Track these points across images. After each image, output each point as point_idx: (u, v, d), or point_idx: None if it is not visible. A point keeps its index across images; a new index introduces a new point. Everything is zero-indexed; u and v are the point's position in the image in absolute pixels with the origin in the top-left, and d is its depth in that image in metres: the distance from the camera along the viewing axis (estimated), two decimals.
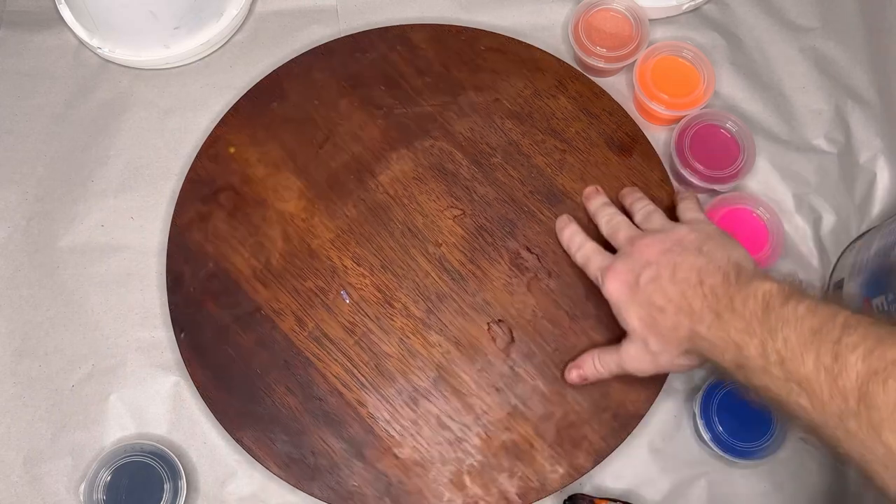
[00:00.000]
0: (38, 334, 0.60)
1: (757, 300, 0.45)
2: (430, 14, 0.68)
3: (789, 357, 0.42)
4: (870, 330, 0.40)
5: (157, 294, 0.61)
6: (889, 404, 0.37)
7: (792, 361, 0.42)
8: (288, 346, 0.59)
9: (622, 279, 0.52)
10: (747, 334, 0.45)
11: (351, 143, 0.63)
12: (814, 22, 0.69)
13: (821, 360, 0.41)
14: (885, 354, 0.38)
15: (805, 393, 0.41)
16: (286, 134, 0.64)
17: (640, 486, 0.58)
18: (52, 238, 0.62)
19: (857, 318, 0.41)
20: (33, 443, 0.58)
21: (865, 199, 0.65)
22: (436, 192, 0.62)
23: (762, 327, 0.44)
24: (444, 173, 0.63)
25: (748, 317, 0.45)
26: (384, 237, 0.61)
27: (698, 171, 0.62)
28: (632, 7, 0.66)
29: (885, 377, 0.38)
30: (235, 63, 0.67)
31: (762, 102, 0.67)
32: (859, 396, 0.38)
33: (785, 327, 0.43)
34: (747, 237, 0.61)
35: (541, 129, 0.64)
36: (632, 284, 0.52)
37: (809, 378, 0.41)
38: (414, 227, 0.62)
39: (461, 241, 0.61)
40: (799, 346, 0.42)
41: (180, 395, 0.59)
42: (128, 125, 0.65)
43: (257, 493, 0.57)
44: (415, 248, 0.61)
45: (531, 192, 0.62)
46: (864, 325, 0.41)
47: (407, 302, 0.60)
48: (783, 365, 0.42)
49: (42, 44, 0.67)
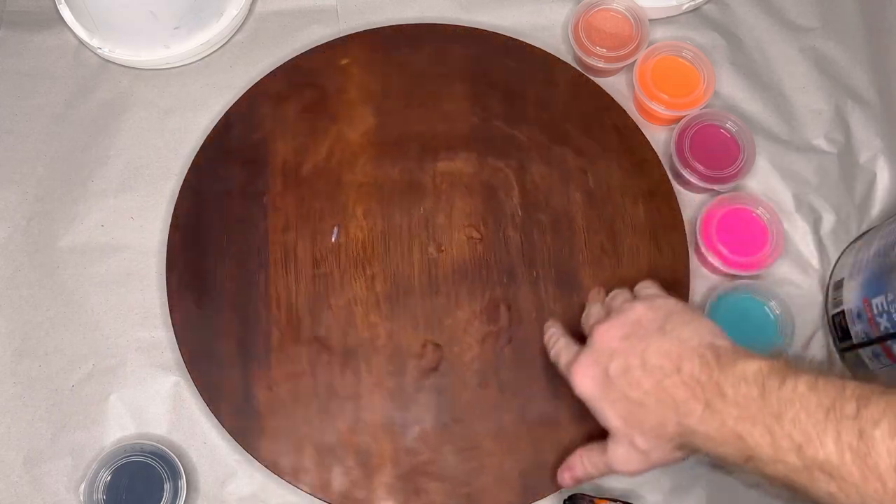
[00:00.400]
0: (38, 334, 0.60)
1: (749, 383, 0.42)
2: (431, 14, 0.68)
3: (805, 441, 0.38)
4: (889, 400, 0.37)
5: (157, 294, 0.61)
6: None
7: (809, 446, 0.38)
8: (263, 240, 0.60)
9: (590, 374, 0.48)
10: (748, 422, 0.41)
11: (438, 120, 0.64)
12: (814, 22, 0.69)
13: (843, 441, 0.37)
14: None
15: (832, 479, 0.37)
16: (395, 77, 0.65)
17: (640, 486, 0.58)
18: (52, 238, 0.62)
19: (868, 389, 0.38)
20: (33, 443, 0.58)
21: (865, 199, 0.65)
22: (472, 207, 0.62)
23: (764, 412, 0.40)
24: (492, 199, 0.62)
25: (743, 402, 0.41)
26: (402, 212, 0.62)
27: (698, 171, 0.62)
28: (632, 7, 0.66)
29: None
30: (235, 63, 0.67)
31: (762, 102, 0.67)
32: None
33: (791, 409, 0.39)
34: (747, 237, 0.61)
35: (600, 217, 0.62)
36: (600, 379, 0.47)
37: (834, 462, 0.37)
38: (432, 222, 0.62)
39: (459, 261, 0.61)
40: (814, 428, 0.38)
41: (180, 395, 0.59)
42: (128, 125, 0.65)
43: (257, 493, 0.57)
44: (419, 238, 0.61)
45: (549, 266, 0.61)
46: (877, 395, 0.38)
47: (377, 275, 0.60)
48: (800, 451, 0.39)
49: (42, 44, 0.67)
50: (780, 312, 0.60)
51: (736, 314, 0.60)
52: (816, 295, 0.63)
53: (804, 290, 0.63)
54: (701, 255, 0.62)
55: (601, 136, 0.64)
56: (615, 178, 0.63)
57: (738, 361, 0.43)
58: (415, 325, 0.59)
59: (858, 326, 0.57)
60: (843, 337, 0.59)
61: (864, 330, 0.57)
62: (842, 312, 0.59)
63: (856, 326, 0.58)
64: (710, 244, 0.61)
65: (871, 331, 0.56)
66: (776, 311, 0.60)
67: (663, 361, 0.45)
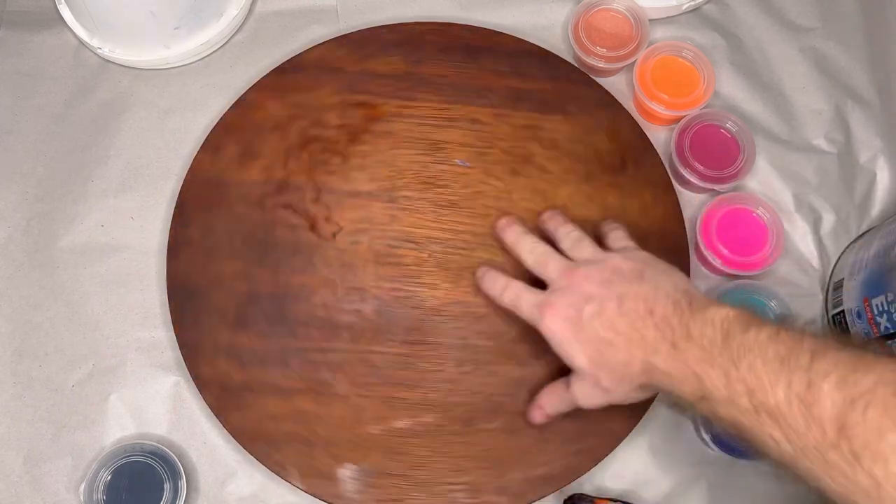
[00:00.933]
0: (38, 334, 0.60)
1: (715, 327, 0.43)
2: (430, 14, 0.68)
3: (757, 387, 0.40)
4: (840, 356, 0.39)
5: (157, 294, 0.61)
6: (869, 434, 0.36)
7: (761, 391, 0.40)
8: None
9: (563, 315, 0.49)
10: (707, 364, 0.43)
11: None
12: (814, 22, 0.69)
13: (792, 389, 0.39)
14: (860, 381, 0.37)
15: (778, 425, 0.39)
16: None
17: (640, 486, 0.58)
18: (52, 238, 0.62)
19: (824, 343, 0.40)
20: (33, 443, 0.58)
21: (865, 199, 0.65)
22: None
23: (723, 356, 0.42)
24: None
25: (707, 345, 0.43)
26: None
27: (698, 171, 0.62)
28: (632, 7, 0.66)
29: (864, 406, 0.36)
30: (235, 63, 0.67)
31: (762, 102, 0.67)
32: (838, 427, 0.37)
33: (749, 355, 0.41)
34: (747, 237, 0.61)
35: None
36: (574, 320, 0.49)
37: (781, 408, 0.39)
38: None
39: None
40: (767, 375, 0.40)
41: (180, 395, 0.59)
42: (128, 125, 0.65)
43: (257, 493, 0.57)
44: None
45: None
46: (833, 351, 0.39)
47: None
48: (751, 395, 0.40)
49: (42, 44, 0.67)
50: (780, 312, 0.60)
51: None
52: (816, 295, 0.63)
53: (804, 290, 0.63)
54: (701, 255, 0.62)
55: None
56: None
57: (708, 308, 0.45)
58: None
59: (858, 326, 0.57)
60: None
61: (864, 330, 0.57)
62: (842, 312, 0.59)
63: (856, 326, 0.58)
64: (710, 244, 0.61)
65: (871, 331, 0.56)
66: (776, 311, 0.60)
67: (639, 305, 0.47)
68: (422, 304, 0.59)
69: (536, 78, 0.65)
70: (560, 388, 0.53)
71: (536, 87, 0.64)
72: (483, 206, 0.62)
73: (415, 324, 0.59)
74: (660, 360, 0.45)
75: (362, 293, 0.60)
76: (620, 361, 0.47)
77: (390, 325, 0.59)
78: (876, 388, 0.37)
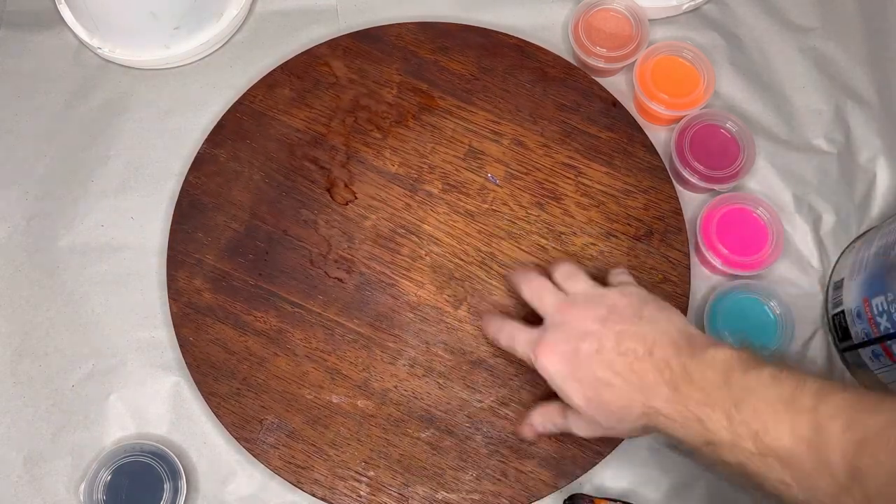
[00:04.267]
0: (38, 334, 0.60)
1: (716, 369, 0.43)
2: (430, 14, 0.68)
3: (761, 429, 0.39)
4: (845, 396, 0.38)
5: (157, 294, 0.61)
6: (882, 478, 0.35)
7: (766, 435, 0.39)
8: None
9: (559, 351, 0.48)
10: (708, 406, 0.42)
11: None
12: (814, 22, 0.69)
13: (799, 432, 0.38)
14: (868, 423, 0.37)
15: (787, 469, 0.38)
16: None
17: (640, 486, 0.58)
18: (52, 238, 0.62)
19: (828, 385, 0.39)
20: (33, 443, 0.58)
21: (865, 199, 0.65)
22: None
23: (725, 398, 0.41)
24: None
25: (707, 387, 0.42)
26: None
27: (698, 171, 0.62)
28: (632, 7, 0.66)
29: (874, 450, 0.36)
30: (235, 63, 0.67)
31: (762, 102, 0.67)
32: (850, 471, 0.36)
33: (751, 397, 0.40)
34: (747, 237, 0.61)
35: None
36: (570, 357, 0.48)
37: (789, 452, 0.38)
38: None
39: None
40: (771, 418, 0.39)
41: (180, 395, 0.59)
42: (128, 125, 0.65)
43: (257, 493, 0.57)
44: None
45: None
46: (837, 392, 0.39)
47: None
48: (756, 439, 0.40)
49: (42, 44, 0.67)
50: (780, 312, 0.60)
51: (736, 314, 0.60)
52: (816, 295, 0.63)
53: (804, 290, 0.63)
54: (701, 254, 0.62)
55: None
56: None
57: (708, 349, 0.44)
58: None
59: (858, 326, 0.57)
60: (844, 337, 0.59)
61: (864, 330, 0.57)
62: (842, 312, 0.59)
63: (856, 326, 0.58)
64: (710, 244, 0.61)
65: (871, 331, 0.56)
66: (776, 311, 0.60)
67: (637, 345, 0.46)
68: (401, 295, 0.60)
69: (596, 122, 0.64)
70: (555, 414, 0.52)
71: (593, 130, 0.64)
72: (495, 225, 0.62)
73: (387, 312, 0.59)
74: (661, 403, 0.44)
75: (350, 265, 0.60)
76: (620, 405, 0.46)
77: (364, 304, 0.60)
78: (885, 430, 0.36)
